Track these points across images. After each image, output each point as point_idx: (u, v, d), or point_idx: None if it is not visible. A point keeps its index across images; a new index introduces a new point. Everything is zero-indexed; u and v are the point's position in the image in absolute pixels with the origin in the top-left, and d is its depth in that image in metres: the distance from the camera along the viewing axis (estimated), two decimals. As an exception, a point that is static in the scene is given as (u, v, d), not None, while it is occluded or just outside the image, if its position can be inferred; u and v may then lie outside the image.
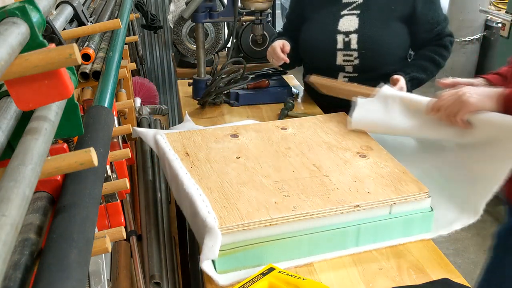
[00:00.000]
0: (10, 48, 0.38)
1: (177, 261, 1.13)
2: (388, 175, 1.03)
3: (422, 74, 1.50)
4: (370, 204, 0.94)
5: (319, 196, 0.94)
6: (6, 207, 0.32)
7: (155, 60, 3.20)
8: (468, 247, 2.46)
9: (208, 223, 0.84)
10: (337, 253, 0.93)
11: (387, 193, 0.96)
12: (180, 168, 1.03)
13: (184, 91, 1.86)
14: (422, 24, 1.51)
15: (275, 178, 1.01)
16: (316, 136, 1.21)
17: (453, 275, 0.88)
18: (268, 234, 0.89)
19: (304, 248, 0.91)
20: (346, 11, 1.53)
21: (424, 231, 1.00)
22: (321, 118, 1.33)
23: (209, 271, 0.84)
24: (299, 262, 0.91)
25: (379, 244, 0.96)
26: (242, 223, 0.86)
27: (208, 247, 0.83)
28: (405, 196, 0.96)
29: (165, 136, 1.17)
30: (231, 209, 0.89)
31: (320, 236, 0.91)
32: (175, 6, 2.47)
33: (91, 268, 0.71)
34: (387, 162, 1.08)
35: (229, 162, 1.07)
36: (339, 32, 1.53)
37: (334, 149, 1.14)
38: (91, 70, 0.89)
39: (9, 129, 0.44)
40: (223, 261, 0.86)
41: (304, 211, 0.89)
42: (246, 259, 0.88)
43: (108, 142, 0.62)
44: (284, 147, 1.14)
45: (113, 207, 0.77)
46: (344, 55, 1.54)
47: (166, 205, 1.22)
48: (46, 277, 0.37)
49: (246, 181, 0.99)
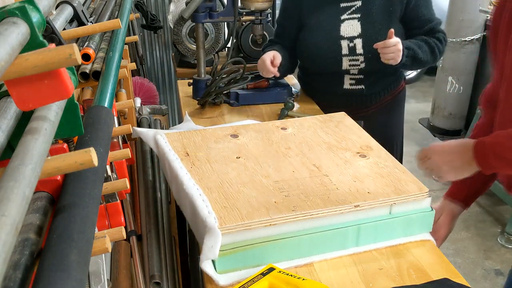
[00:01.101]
0: (10, 48, 0.38)
1: (177, 261, 1.13)
2: (388, 175, 1.02)
3: (417, 49, 1.47)
4: (370, 204, 0.93)
5: (319, 196, 0.94)
6: (6, 207, 0.32)
7: (155, 60, 3.20)
8: (468, 247, 2.46)
9: (208, 223, 0.84)
10: (337, 253, 0.93)
11: (387, 193, 0.96)
12: (180, 168, 1.03)
13: (184, 91, 1.86)
14: (414, 21, 1.51)
15: (275, 178, 1.00)
16: (316, 136, 1.21)
17: (453, 275, 0.88)
18: (268, 234, 0.89)
19: (304, 248, 0.91)
20: (346, 15, 1.52)
21: (424, 231, 1.00)
22: (320, 118, 1.33)
23: (209, 271, 0.84)
24: (299, 262, 0.91)
25: (379, 244, 0.96)
26: (242, 223, 0.85)
27: (208, 247, 0.83)
28: (405, 196, 0.96)
29: (165, 136, 1.16)
30: (231, 209, 0.89)
31: (320, 236, 0.91)
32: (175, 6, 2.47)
33: (91, 268, 0.71)
34: (387, 162, 1.08)
35: (229, 162, 1.06)
36: (343, 37, 1.52)
37: (334, 149, 1.14)
38: (91, 70, 0.89)
39: (9, 129, 0.44)
40: (223, 261, 0.86)
41: (304, 211, 0.89)
42: (246, 259, 0.88)
43: (108, 142, 0.62)
44: (284, 147, 1.14)
45: (113, 207, 0.77)
46: (350, 60, 1.54)
47: (166, 205, 1.22)
48: (46, 277, 0.37)
49: (246, 181, 0.99)
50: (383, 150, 1.14)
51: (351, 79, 1.58)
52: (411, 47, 1.46)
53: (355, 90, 1.60)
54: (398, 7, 1.50)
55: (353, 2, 1.52)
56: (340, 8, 1.53)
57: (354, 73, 1.57)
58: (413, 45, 1.46)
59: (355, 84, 1.59)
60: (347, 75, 1.58)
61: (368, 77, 1.57)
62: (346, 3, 1.52)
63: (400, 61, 1.44)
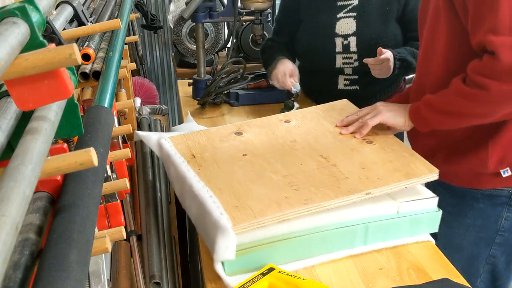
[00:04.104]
0: (10, 48, 0.38)
1: (177, 261, 1.13)
2: (397, 159, 1.02)
3: (411, 58, 1.46)
4: (381, 190, 0.92)
5: (329, 187, 0.93)
6: (6, 207, 0.32)
7: (155, 60, 3.20)
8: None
9: (222, 224, 0.83)
10: (345, 252, 0.93)
11: (397, 178, 0.95)
12: (187, 171, 1.01)
13: (184, 91, 1.86)
14: (411, 23, 1.51)
15: (283, 172, 0.99)
16: (320, 126, 1.20)
17: (453, 275, 0.88)
18: (279, 233, 0.88)
19: (314, 247, 0.90)
20: (342, 13, 1.52)
21: (430, 231, 0.99)
22: (323, 107, 1.31)
23: (221, 272, 0.84)
24: (308, 263, 0.90)
25: (386, 243, 0.96)
26: (255, 221, 0.84)
27: (223, 248, 0.81)
28: (416, 179, 0.95)
29: (170, 140, 1.15)
30: (243, 208, 0.87)
31: (330, 234, 0.91)
32: (175, 6, 2.47)
33: (91, 268, 0.71)
34: (394, 146, 1.08)
35: (236, 160, 1.05)
36: (338, 35, 1.52)
37: (339, 138, 1.13)
38: (91, 70, 0.89)
39: (9, 129, 0.44)
40: (232, 263, 0.84)
41: (317, 203, 0.88)
42: (255, 261, 0.87)
43: (108, 142, 0.62)
44: (290, 140, 1.13)
45: (113, 207, 0.77)
46: (343, 58, 1.54)
47: (166, 205, 1.22)
48: (46, 277, 0.37)
49: (255, 179, 0.97)
50: (389, 134, 1.14)
51: (345, 79, 1.58)
52: (403, 58, 1.44)
53: (349, 91, 1.59)
54: (395, 7, 1.50)
55: (350, 0, 1.52)
56: (337, 6, 1.53)
57: (348, 73, 1.56)
58: (406, 55, 1.45)
59: (349, 84, 1.59)
60: (342, 75, 1.58)
61: (362, 77, 1.56)
62: (343, 1, 1.52)
63: (392, 73, 1.43)
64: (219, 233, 0.82)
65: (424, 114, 1.08)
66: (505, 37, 0.90)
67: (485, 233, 1.19)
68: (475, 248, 1.21)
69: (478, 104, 0.99)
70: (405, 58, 1.44)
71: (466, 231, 1.21)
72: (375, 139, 1.11)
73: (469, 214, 1.19)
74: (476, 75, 0.97)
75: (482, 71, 0.95)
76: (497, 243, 1.19)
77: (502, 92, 0.94)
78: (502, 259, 1.20)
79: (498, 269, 1.21)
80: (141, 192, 1.24)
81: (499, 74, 0.92)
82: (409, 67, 1.45)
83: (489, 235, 1.18)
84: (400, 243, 0.97)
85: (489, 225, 1.18)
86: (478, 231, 1.19)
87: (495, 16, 0.91)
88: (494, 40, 0.91)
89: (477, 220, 1.19)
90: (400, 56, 1.43)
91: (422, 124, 1.11)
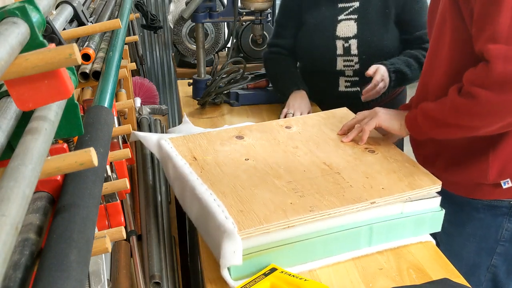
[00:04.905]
0: (10, 48, 0.38)
1: (177, 261, 1.13)
2: (400, 170, 1.02)
3: (406, 69, 1.45)
4: (386, 200, 0.93)
5: (334, 194, 0.93)
6: (6, 207, 0.32)
7: (155, 60, 3.20)
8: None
9: (228, 229, 0.82)
10: (351, 254, 0.93)
11: (401, 188, 0.95)
12: (190, 173, 1.00)
13: (184, 91, 1.86)
14: (406, 25, 1.50)
15: (287, 178, 0.99)
16: (322, 133, 1.20)
17: (453, 275, 0.88)
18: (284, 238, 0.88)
19: (319, 251, 0.90)
20: (343, 16, 1.52)
21: (432, 230, 1.00)
22: (323, 114, 1.32)
23: (227, 277, 0.83)
24: (315, 265, 0.90)
25: (390, 244, 0.96)
26: (261, 226, 0.84)
27: (230, 253, 0.81)
28: (419, 190, 0.96)
29: (170, 141, 1.14)
30: (248, 213, 0.87)
31: (335, 236, 0.91)
32: (175, 6, 2.47)
33: (91, 268, 0.71)
34: (397, 156, 1.08)
35: (238, 164, 1.04)
36: (338, 38, 1.52)
37: (341, 146, 1.13)
38: (91, 70, 0.89)
39: (9, 129, 0.44)
40: (238, 267, 0.84)
41: (322, 211, 0.88)
42: (259, 264, 0.86)
43: (108, 142, 0.62)
44: (292, 146, 1.13)
45: (113, 207, 0.77)
46: (344, 61, 1.54)
47: (166, 205, 1.22)
48: (46, 277, 0.37)
49: (259, 183, 0.97)
50: (391, 145, 1.14)
51: (346, 81, 1.58)
52: (398, 69, 1.43)
53: (350, 93, 1.59)
54: (393, 10, 1.50)
55: (351, 2, 1.52)
56: (338, 9, 1.53)
57: (349, 75, 1.57)
58: (401, 66, 1.44)
59: (350, 86, 1.59)
60: (342, 77, 1.58)
61: (363, 79, 1.56)
62: (344, 4, 1.52)
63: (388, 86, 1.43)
64: (225, 238, 0.81)
65: (420, 122, 1.07)
66: (501, 46, 0.88)
67: (485, 243, 1.18)
68: (476, 258, 1.21)
69: (466, 116, 0.97)
70: (399, 69, 1.43)
71: (467, 241, 1.20)
72: (377, 149, 1.12)
73: (469, 224, 1.18)
74: (468, 84, 0.95)
75: (474, 80, 0.93)
76: (498, 253, 1.18)
77: (489, 103, 0.92)
78: (503, 269, 1.19)
79: (499, 278, 1.21)
80: (141, 192, 1.24)
81: (489, 84, 0.90)
82: (404, 78, 1.45)
83: (489, 245, 1.18)
84: (403, 243, 0.97)
85: (490, 236, 1.17)
86: (479, 241, 1.18)
87: (496, 23, 0.88)
88: (491, 49, 0.89)
89: (477, 230, 1.18)
90: (394, 68, 1.43)
91: (418, 132, 1.10)
